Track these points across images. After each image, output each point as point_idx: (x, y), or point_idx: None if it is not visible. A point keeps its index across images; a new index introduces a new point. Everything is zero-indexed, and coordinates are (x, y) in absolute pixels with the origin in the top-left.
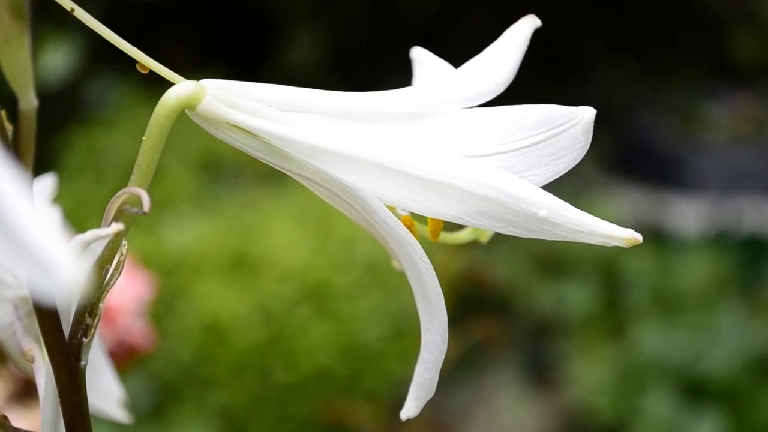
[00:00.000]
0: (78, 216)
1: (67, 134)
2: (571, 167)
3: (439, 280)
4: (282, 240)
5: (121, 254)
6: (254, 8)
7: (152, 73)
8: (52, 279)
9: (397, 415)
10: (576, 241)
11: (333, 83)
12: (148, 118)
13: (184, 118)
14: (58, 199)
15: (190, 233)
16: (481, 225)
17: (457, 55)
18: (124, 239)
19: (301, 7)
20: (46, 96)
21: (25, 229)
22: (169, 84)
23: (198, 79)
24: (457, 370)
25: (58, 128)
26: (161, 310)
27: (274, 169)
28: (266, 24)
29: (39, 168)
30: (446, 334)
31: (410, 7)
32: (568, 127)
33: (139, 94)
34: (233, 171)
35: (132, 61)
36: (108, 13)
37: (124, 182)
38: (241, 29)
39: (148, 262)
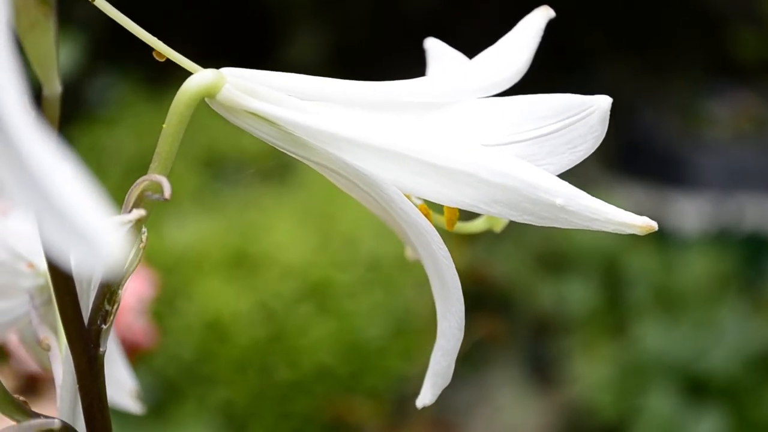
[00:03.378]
0: None
1: (69, 132)
2: (588, 155)
3: None
4: (283, 238)
5: (141, 241)
6: (256, 6)
7: (153, 71)
8: (93, 250)
9: (399, 413)
10: (591, 228)
11: None
12: (150, 116)
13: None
14: None
15: (191, 231)
16: (496, 213)
17: (461, 51)
18: (143, 226)
19: (302, 4)
20: None
21: (67, 199)
22: (172, 81)
23: None
24: (459, 367)
25: (60, 125)
26: (163, 307)
27: (276, 166)
28: (268, 22)
29: None
30: (463, 322)
31: (413, 3)
32: (584, 116)
33: (140, 92)
34: (235, 169)
35: (134, 59)
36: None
37: (126, 180)
38: (242, 27)
39: (149, 259)
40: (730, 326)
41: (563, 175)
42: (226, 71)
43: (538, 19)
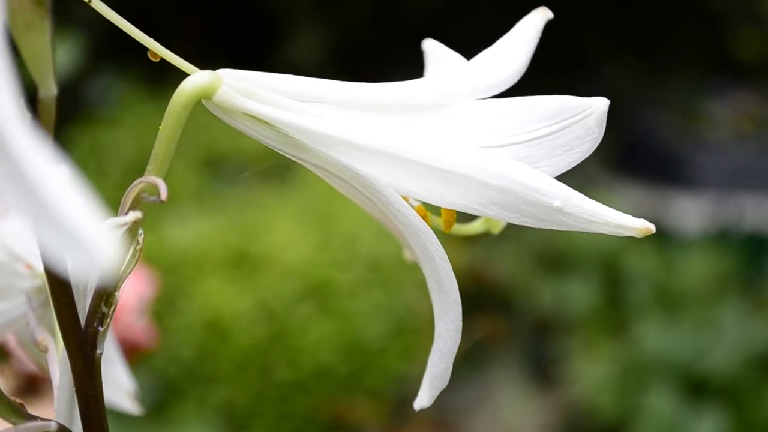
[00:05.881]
0: None
1: (69, 131)
2: (585, 158)
3: None
4: (284, 237)
5: (138, 243)
6: (256, 6)
7: (154, 71)
8: (88, 255)
9: (399, 413)
10: (589, 231)
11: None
12: (150, 116)
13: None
14: None
15: (192, 231)
16: (494, 215)
17: (461, 52)
18: (140, 228)
19: (302, 4)
20: None
21: (61, 204)
22: (172, 80)
23: None
24: (459, 367)
25: (60, 125)
26: (163, 307)
27: (276, 166)
28: (268, 21)
29: None
30: (460, 324)
31: (413, 3)
32: (581, 118)
33: (140, 92)
34: (235, 168)
35: (134, 59)
36: (111, 9)
37: (126, 179)
38: (242, 27)
39: (150, 259)
40: (730, 326)
41: (562, 176)
42: (223, 72)
43: (536, 20)
